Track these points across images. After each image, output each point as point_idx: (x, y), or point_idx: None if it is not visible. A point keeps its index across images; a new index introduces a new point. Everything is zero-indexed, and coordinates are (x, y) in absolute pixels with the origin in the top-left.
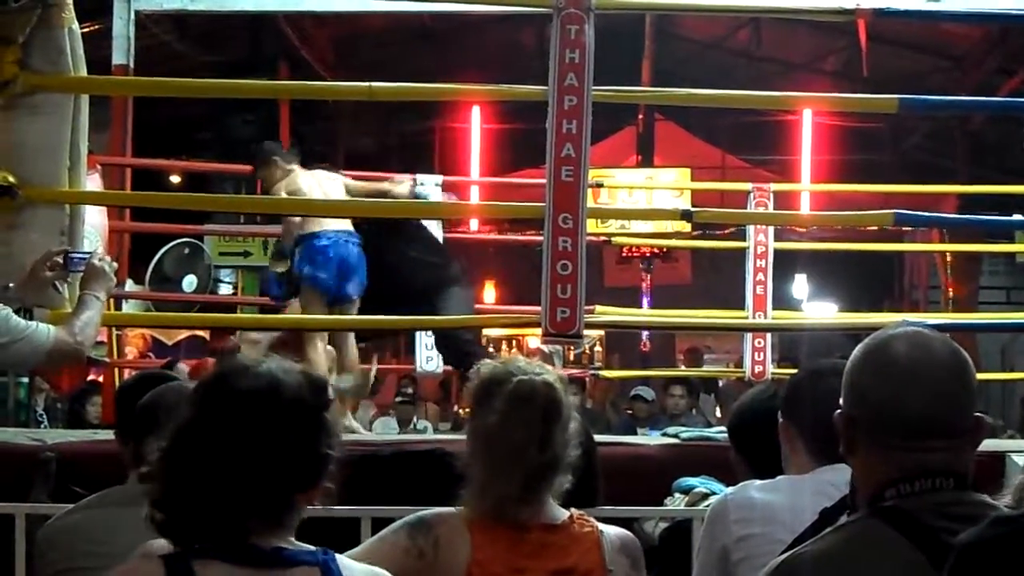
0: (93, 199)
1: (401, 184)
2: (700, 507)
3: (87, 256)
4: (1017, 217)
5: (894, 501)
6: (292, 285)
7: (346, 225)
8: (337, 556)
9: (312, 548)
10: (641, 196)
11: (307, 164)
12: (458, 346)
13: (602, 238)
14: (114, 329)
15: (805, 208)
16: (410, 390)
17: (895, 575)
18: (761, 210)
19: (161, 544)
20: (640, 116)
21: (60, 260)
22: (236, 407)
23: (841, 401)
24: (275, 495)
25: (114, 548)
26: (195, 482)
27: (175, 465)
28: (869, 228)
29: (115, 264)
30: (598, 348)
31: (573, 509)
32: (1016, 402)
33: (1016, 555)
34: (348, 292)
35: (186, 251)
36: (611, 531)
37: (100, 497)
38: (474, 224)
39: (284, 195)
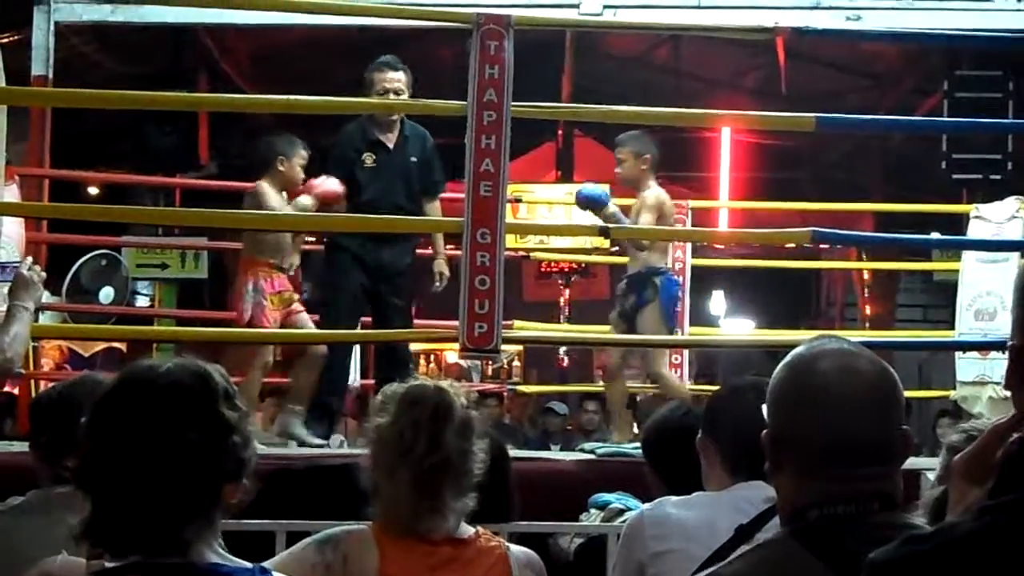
0: (10, 210)
1: None
2: (616, 523)
3: (15, 265)
4: (934, 235)
5: (817, 522)
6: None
7: None
8: (273, 573)
9: (248, 565)
10: (560, 212)
11: None
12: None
13: (521, 253)
14: (30, 341)
15: (723, 225)
16: None
17: None
18: (679, 227)
19: (64, 559)
20: (560, 132)
21: None
22: (163, 406)
23: (766, 418)
24: (207, 489)
25: (38, 558)
26: (128, 490)
27: (105, 476)
28: (787, 245)
29: (44, 274)
30: (516, 363)
31: (479, 526)
32: (931, 419)
33: (926, 574)
34: None
35: (103, 263)
36: (516, 549)
37: (15, 505)
38: None
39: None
